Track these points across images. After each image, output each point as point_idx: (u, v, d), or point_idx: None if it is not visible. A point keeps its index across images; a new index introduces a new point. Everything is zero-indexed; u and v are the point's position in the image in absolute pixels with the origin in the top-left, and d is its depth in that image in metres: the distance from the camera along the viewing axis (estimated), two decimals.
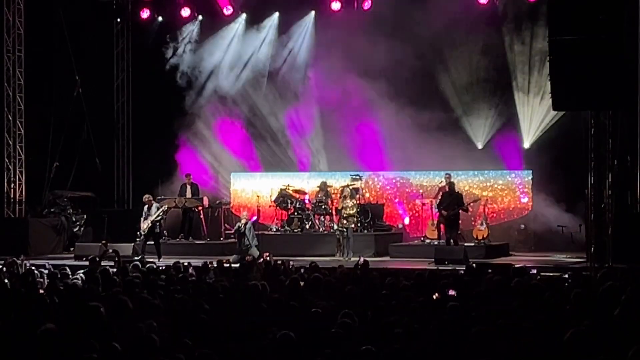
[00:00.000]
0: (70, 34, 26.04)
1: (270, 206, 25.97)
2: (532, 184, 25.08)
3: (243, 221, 22.36)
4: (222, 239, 25.21)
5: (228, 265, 16.94)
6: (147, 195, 23.31)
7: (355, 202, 23.19)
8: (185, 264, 16.29)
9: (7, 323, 9.84)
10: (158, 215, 22.72)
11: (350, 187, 24.09)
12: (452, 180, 23.27)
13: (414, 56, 24.92)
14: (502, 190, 25.58)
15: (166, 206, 23.47)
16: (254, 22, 27.25)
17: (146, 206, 22.86)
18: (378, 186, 26.58)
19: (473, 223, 24.05)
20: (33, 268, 15.48)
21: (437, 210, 23.30)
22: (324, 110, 26.37)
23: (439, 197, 23.23)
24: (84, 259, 20.05)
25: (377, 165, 26.28)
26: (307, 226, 24.58)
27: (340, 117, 26.06)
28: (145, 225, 22.61)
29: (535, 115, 24.63)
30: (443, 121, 25.02)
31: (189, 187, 25.15)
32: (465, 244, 22.44)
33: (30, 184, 26.35)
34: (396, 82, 25.21)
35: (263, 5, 27.00)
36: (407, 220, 25.94)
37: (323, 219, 24.76)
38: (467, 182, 25.52)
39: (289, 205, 24.97)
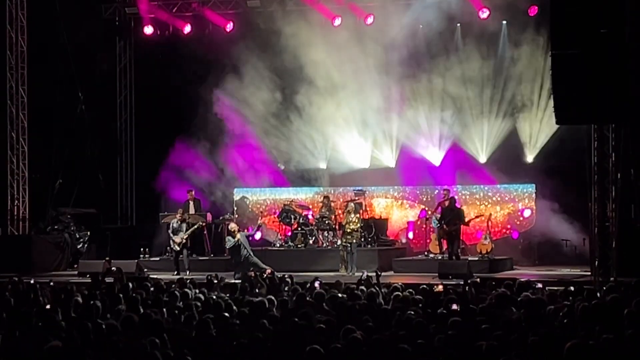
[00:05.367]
0: (73, 50, 26.05)
1: (273, 222, 25.95)
2: (535, 197, 25.06)
3: (238, 234, 22.21)
4: (225, 254, 25.13)
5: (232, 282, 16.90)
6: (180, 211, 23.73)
7: (358, 217, 23.16)
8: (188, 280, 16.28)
9: (12, 341, 9.83)
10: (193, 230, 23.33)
11: (354, 202, 24.09)
12: (451, 195, 23.28)
13: (415, 69, 25.10)
14: (505, 204, 25.54)
15: (199, 223, 23.80)
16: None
17: (176, 220, 23.22)
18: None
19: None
20: (37, 285, 15.45)
21: (434, 224, 23.38)
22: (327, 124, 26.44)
23: (438, 212, 23.30)
24: (88, 275, 20.03)
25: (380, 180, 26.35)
26: (311, 241, 24.55)
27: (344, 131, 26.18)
28: (178, 239, 22.96)
29: (538, 129, 24.61)
30: (445, 134, 25.08)
31: (191, 202, 25.13)
32: (469, 259, 22.41)
33: (33, 201, 26.37)
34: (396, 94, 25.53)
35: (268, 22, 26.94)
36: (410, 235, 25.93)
37: (327, 234, 24.73)
38: (470, 196, 25.51)
39: (293, 220, 24.96)
